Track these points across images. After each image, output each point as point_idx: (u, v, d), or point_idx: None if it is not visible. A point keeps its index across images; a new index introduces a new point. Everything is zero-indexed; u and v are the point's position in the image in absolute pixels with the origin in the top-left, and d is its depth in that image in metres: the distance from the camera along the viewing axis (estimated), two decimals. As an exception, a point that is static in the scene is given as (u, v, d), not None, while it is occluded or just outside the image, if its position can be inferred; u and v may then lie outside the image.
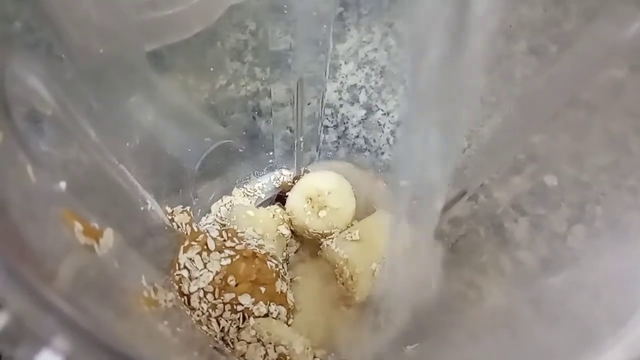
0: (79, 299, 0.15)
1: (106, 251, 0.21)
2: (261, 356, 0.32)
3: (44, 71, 0.20)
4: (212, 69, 0.43)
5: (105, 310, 0.18)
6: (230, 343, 0.33)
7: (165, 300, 0.27)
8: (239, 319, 0.33)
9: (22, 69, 0.19)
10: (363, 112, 0.46)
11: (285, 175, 0.45)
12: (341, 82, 0.46)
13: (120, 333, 0.14)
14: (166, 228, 0.33)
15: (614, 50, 0.27)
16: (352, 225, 0.39)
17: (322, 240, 0.38)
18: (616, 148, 0.30)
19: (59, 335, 0.12)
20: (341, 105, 0.46)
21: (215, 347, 0.32)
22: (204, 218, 0.42)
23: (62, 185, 0.19)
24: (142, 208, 0.29)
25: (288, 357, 0.32)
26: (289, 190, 0.42)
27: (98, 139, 0.24)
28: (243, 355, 0.32)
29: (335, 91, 0.46)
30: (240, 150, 0.42)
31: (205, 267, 0.33)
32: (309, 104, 0.40)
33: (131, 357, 0.12)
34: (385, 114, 0.45)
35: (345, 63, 0.46)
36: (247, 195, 0.43)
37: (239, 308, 0.33)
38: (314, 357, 0.34)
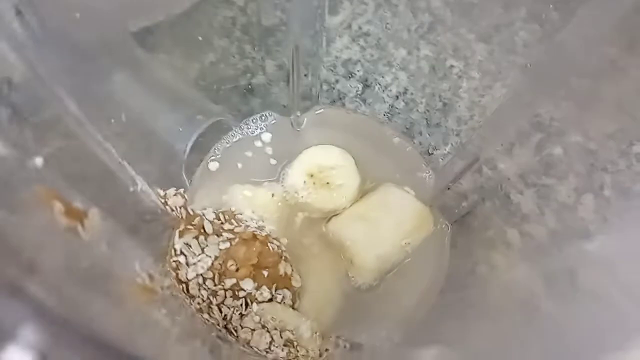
0: (64, 290, 0.13)
1: (92, 234, 0.19)
2: (267, 343, 0.30)
3: (13, 33, 0.18)
4: (200, 47, 0.41)
5: (95, 300, 0.16)
6: (233, 331, 0.31)
7: (162, 287, 0.25)
8: (241, 305, 0.31)
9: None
10: (360, 86, 0.44)
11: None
12: (336, 57, 0.44)
13: (114, 324, 0.12)
14: (159, 212, 0.31)
15: (619, 18, 0.26)
16: (357, 201, 0.37)
17: (325, 218, 0.36)
18: (622, 115, 0.29)
19: (29, 326, 0.10)
20: (337, 81, 0.44)
21: (218, 336, 0.30)
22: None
23: (38, 161, 0.17)
24: (131, 189, 0.27)
25: (295, 343, 0.30)
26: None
27: (80, 112, 0.22)
28: (248, 343, 0.30)
29: (330, 66, 0.44)
30: (233, 129, 0.40)
31: (203, 252, 0.31)
32: (305, 75, 0.38)
33: (122, 349, 0.10)
34: (382, 87, 0.44)
35: (339, 36, 0.44)
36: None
37: (241, 294, 0.31)
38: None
